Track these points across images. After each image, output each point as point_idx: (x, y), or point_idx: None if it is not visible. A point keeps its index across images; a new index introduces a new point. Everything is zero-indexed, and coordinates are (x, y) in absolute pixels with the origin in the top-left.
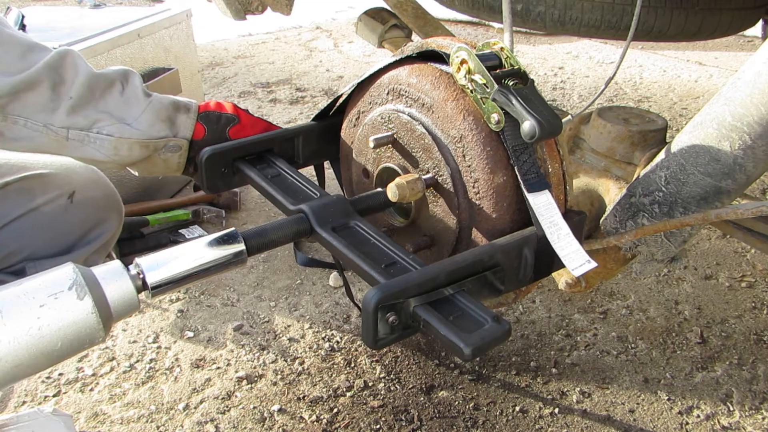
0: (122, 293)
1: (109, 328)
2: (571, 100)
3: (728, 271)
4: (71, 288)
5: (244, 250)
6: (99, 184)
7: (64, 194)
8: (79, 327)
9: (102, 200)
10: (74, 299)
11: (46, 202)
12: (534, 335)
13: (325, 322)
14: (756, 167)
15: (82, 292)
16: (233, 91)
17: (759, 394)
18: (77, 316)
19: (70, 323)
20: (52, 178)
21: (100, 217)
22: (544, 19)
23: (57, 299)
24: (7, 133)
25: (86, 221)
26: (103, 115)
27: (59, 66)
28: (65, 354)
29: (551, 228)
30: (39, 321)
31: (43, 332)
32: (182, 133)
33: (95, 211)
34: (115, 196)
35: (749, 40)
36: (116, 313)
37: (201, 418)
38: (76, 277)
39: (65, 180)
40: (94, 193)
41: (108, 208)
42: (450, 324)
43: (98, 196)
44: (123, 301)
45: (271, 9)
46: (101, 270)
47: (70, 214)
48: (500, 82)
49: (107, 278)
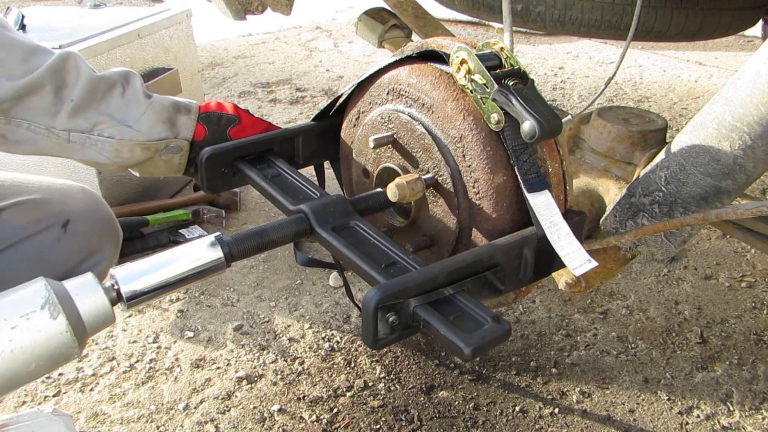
0: (96, 307)
1: (83, 344)
2: (571, 100)
3: (728, 271)
4: (44, 307)
5: (222, 258)
6: (96, 212)
7: (58, 223)
8: (53, 347)
9: (98, 230)
10: (47, 319)
11: (38, 231)
12: (534, 335)
13: (325, 322)
14: (756, 167)
15: (56, 311)
16: (233, 91)
17: (759, 394)
18: (51, 336)
19: (43, 344)
20: (46, 205)
21: (94, 247)
22: (544, 19)
23: (29, 320)
24: (11, 136)
25: (80, 251)
26: (104, 117)
27: (61, 69)
28: (39, 373)
29: (551, 228)
30: (11, 344)
31: (16, 354)
32: (183, 134)
33: (90, 240)
34: (112, 224)
35: (749, 40)
36: (91, 328)
37: (201, 418)
38: (49, 295)
39: (60, 207)
40: (90, 222)
41: (104, 237)
42: (450, 324)
43: (94, 226)
44: (97, 315)
45: (271, 9)
46: (74, 284)
47: (63, 244)
48: (500, 82)
49: (80, 292)
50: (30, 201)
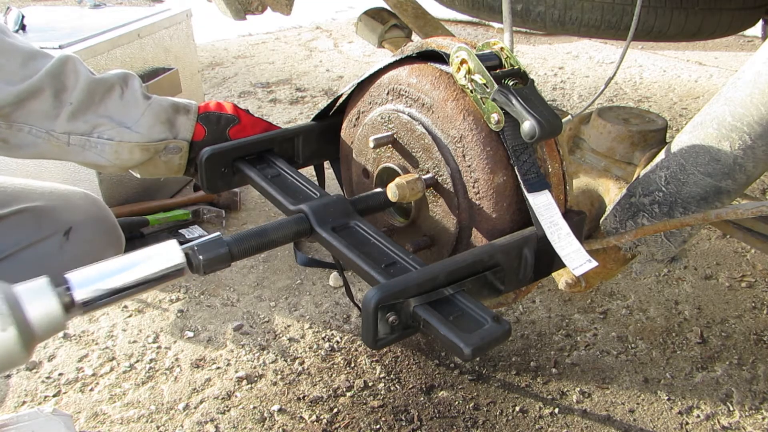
0: (47, 313)
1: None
2: (571, 100)
3: (728, 271)
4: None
5: (183, 262)
6: (98, 219)
7: (60, 230)
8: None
9: (100, 237)
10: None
11: (40, 239)
12: (534, 335)
13: (325, 322)
14: (756, 167)
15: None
16: (233, 91)
17: (759, 394)
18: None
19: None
20: (49, 213)
21: (96, 254)
22: (544, 19)
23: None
24: (12, 140)
25: (82, 259)
26: (103, 120)
27: (60, 73)
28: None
29: (551, 228)
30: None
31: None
32: (182, 134)
33: (92, 248)
34: (115, 231)
35: (749, 40)
36: (40, 335)
37: (201, 418)
38: None
39: (62, 215)
40: (92, 229)
41: (106, 244)
42: (450, 324)
43: (96, 233)
44: (48, 322)
45: (271, 9)
46: (24, 288)
47: (65, 251)
48: (500, 82)
49: (31, 297)
50: (32, 209)
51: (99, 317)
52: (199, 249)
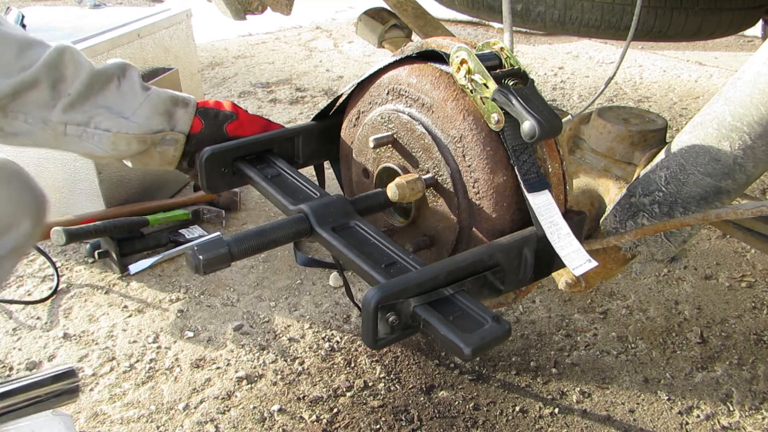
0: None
1: None
2: (571, 100)
3: (728, 271)
4: None
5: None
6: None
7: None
8: None
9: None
10: None
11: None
12: (534, 335)
13: (325, 322)
14: (756, 167)
15: None
16: (233, 91)
17: (759, 394)
18: None
19: None
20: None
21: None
22: (544, 19)
23: None
24: (7, 128)
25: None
26: (100, 110)
27: (58, 63)
28: None
29: (551, 228)
30: None
31: None
32: (180, 127)
33: None
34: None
35: (749, 40)
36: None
37: (201, 418)
38: None
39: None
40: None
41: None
42: (450, 324)
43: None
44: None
45: (271, 9)
46: None
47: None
48: (500, 82)
49: None
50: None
51: (99, 317)
52: (199, 249)
